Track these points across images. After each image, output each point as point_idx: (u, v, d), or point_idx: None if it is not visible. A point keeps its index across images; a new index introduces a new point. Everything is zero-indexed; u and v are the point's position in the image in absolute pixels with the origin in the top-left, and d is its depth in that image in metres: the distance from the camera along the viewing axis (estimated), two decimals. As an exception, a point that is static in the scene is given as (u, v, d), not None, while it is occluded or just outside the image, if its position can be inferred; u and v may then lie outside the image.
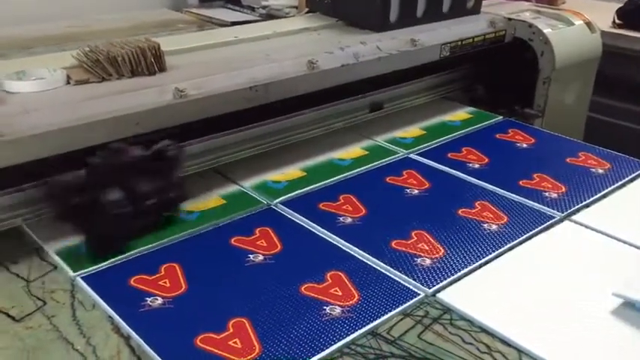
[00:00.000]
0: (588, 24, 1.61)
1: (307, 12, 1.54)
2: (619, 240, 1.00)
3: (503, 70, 1.59)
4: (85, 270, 0.90)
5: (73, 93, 0.98)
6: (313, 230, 1.02)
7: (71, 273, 0.90)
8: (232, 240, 0.98)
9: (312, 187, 1.15)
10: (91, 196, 0.90)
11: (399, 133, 1.40)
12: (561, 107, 1.58)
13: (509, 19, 1.55)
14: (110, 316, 0.82)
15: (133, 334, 0.78)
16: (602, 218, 1.06)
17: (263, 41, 1.32)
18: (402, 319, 0.83)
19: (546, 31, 1.50)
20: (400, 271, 0.91)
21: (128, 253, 0.94)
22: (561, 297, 0.87)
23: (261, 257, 0.94)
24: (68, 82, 1.01)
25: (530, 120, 1.53)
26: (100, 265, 0.91)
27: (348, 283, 0.88)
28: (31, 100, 0.94)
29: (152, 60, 1.05)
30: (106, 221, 0.91)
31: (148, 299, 0.84)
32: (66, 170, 0.91)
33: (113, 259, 0.93)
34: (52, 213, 0.94)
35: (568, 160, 1.27)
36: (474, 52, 1.50)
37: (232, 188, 1.15)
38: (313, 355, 0.75)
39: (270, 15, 1.82)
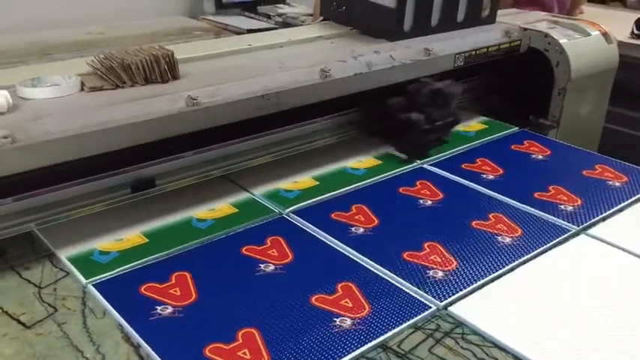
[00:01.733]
0: (605, 34, 1.59)
1: (322, 20, 1.54)
2: (636, 255, 0.99)
3: (518, 81, 1.58)
4: (97, 277, 0.90)
5: (87, 100, 0.99)
6: (325, 240, 1.01)
7: (83, 280, 0.90)
8: (243, 249, 0.98)
9: (324, 196, 1.15)
10: (406, 116, 1.27)
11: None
12: (576, 118, 1.57)
13: (525, 29, 1.54)
14: (120, 324, 0.82)
15: (143, 343, 0.78)
16: (619, 232, 1.04)
17: (276, 49, 1.32)
18: (413, 333, 0.82)
19: (562, 41, 1.49)
20: (412, 284, 0.90)
21: (139, 261, 0.94)
22: (576, 312, 0.86)
23: (272, 267, 0.93)
24: (82, 89, 1.02)
25: (544, 131, 1.52)
26: (111, 273, 0.91)
27: (358, 294, 0.88)
28: (45, 107, 0.95)
29: (165, 68, 1.05)
30: (416, 134, 1.27)
31: (159, 308, 0.84)
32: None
33: (124, 267, 0.93)
34: (370, 131, 1.34)
35: (584, 172, 1.26)
36: (488, 62, 1.49)
37: (244, 196, 1.15)
38: (323, 368, 0.75)
39: (285, 23, 1.83)
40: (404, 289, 0.89)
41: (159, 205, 1.09)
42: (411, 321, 0.83)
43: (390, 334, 0.80)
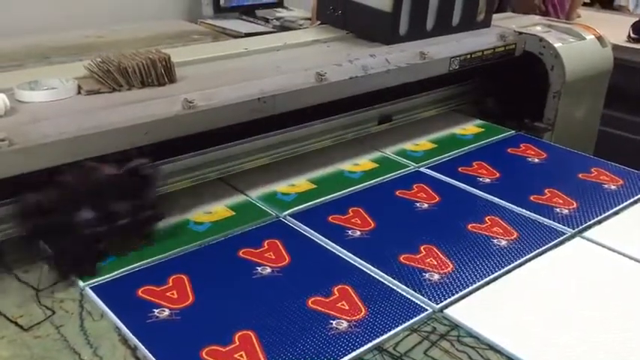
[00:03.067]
0: (599, 38, 1.60)
1: (320, 24, 1.54)
2: (631, 258, 0.99)
3: (513, 84, 1.59)
4: (95, 280, 0.90)
5: (84, 103, 0.99)
6: (321, 243, 1.01)
7: (80, 283, 0.90)
8: (240, 252, 0.98)
9: (321, 199, 1.15)
10: (62, 215, 0.90)
11: (409, 146, 1.40)
12: (571, 121, 1.58)
13: (520, 33, 1.55)
14: (117, 327, 0.82)
15: (140, 345, 0.78)
16: (614, 235, 1.05)
17: (272, 53, 1.32)
18: (408, 335, 0.82)
19: (557, 45, 1.50)
20: (408, 286, 0.90)
21: (137, 263, 0.94)
22: (571, 315, 0.86)
23: (268, 270, 0.94)
24: (79, 92, 1.02)
25: (539, 133, 1.53)
26: (109, 275, 0.92)
27: (355, 297, 0.88)
28: (42, 110, 0.95)
29: (162, 71, 1.06)
30: (77, 240, 0.90)
31: (156, 310, 0.84)
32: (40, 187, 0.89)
33: (123, 269, 0.93)
34: (22, 231, 0.93)
35: (580, 175, 1.26)
36: (483, 66, 1.49)
37: (241, 199, 1.15)
38: (319, 370, 0.75)
39: (283, 27, 1.83)
40: (400, 291, 0.90)
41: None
42: (407, 323, 0.83)
43: (386, 336, 0.81)
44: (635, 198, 1.17)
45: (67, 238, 0.90)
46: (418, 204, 1.14)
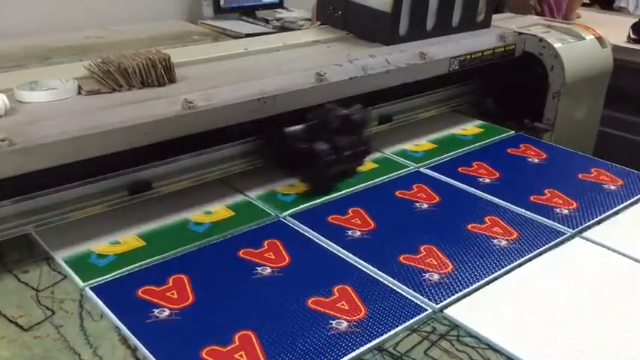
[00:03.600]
0: (599, 38, 1.60)
1: (321, 25, 1.54)
2: (631, 258, 0.99)
3: (513, 84, 1.59)
4: (94, 280, 0.90)
5: (84, 103, 0.99)
6: (321, 243, 1.01)
7: (81, 283, 0.90)
8: (240, 252, 0.98)
9: (321, 199, 1.15)
10: (308, 145, 1.14)
11: (409, 146, 1.40)
12: (571, 121, 1.58)
13: (520, 34, 1.55)
14: (117, 327, 0.82)
15: (140, 345, 0.78)
16: (614, 235, 1.05)
17: (273, 53, 1.32)
18: (408, 335, 0.82)
19: (556, 45, 1.50)
20: (408, 286, 0.90)
21: (137, 264, 0.94)
22: (571, 315, 0.86)
23: (269, 270, 0.94)
24: (80, 93, 1.02)
25: (539, 134, 1.53)
26: (109, 276, 0.92)
27: (355, 297, 0.88)
28: (42, 110, 0.95)
29: (162, 72, 1.06)
30: (320, 165, 1.14)
31: (155, 310, 0.84)
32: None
33: (123, 270, 0.93)
34: (271, 160, 1.20)
35: (580, 175, 1.26)
36: (483, 66, 1.50)
37: (241, 199, 1.15)
38: (319, 370, 0.75)
39: (284, 27, 1.83)
40: (400, 291, 0.90)
41: (156, 208, 1.09)
42: (407, 323, 0.83)
43: (386, 336, 0.81)
44: (635, 198, 1.17)
45: (309, 163, 1.15)
46: (418, 204, 1.14)
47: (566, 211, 1.12)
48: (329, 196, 1.16)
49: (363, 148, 1.21)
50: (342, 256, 0.98)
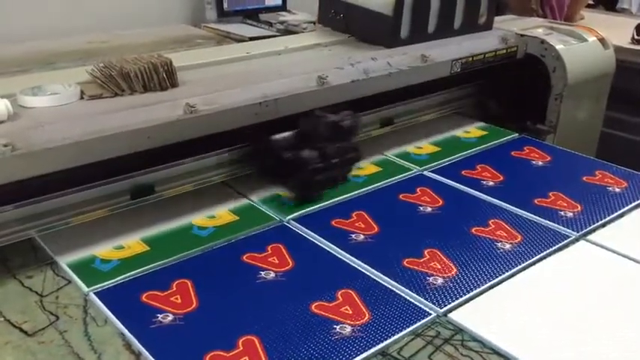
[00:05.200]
0: (601, 40, 1.60)
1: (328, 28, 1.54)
2: (636, 261, 0.99)
3: (515, 86, 1.58)
4: (98, 285, 0.90)
5: (87, 108, 0.99)
6: (325, 247, 1.01)
7: (85, 288, 0.90)
8: (244, 257, 0.98)
9: (324, 203, 1.15)
10: (294, 153, 1.12)
11: (413, 149, 1.40)
12: (574, 123, 1.57)
13: (522, 35, 1.55)
14: (121, 332, 0.82)
15: (144, 350, 0.78)
16: (619, 238, 1.05)
17: (274, 57, 1.32)
18: (412, 340, 0.82)
19: (558, 47, 1.50)
20: (412, 290, 0.90)
21: (141, 269, 0.94)
22: (576, 319, 0.86)
23: (272, 274, 0.94)
24: (82, 97, 1.02)
25: (542, 136, 1.52)
26: (113, 281, 0.91)
27: (358, 301, 0.88)
28: (45, 115, 0.95)
29: (164, 76, 1.06)
30: (306, 173, 1.12)
31: (159, 315, 0.84)
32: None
33: (127, 275, 0.93)
34: (257, 168, 1.17)
35: (584, 178, 1.26)
36: (485, 68, 1.49)
37: (245, 203, 1.15)
38: (324, 376, 0.75)
39: (287, 30, 1.83)
40: (404, 295, 0.89)
41: (159, 212, 1.09)
42: (411, 328, 0.83)
43: (389, 340, 0.81)
44: None
45: (295, 171, 1.12)
46: (422, 207, 1.14)
47: (571, 214, 1.12)
48: (332, 200, 1.16)
49: (352, 155, 1.20)
50: (345, 260, 0.98)
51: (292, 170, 1.13)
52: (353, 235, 1.04)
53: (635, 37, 2.12)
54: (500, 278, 0.93)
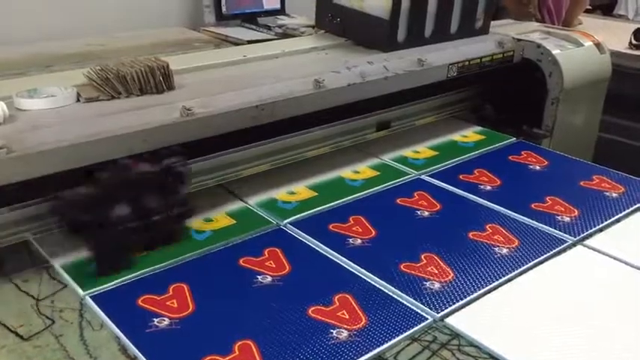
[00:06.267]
0: (598, 45, 1.60)
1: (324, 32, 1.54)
2: (632, 266, 0.99)
3: (511, 90, 1.59)
4: (95, 289, 0.90)
5: (83, 110, 0.99)
6: (322, 252, 1.01)
7: (81, 292, 0.90)
8: (241, 260, 0.97)
9: (322, 207, 1.14)
10: (98, 211, 0.92)
11: (410, 154, 1.40)
12: (570, 127, 1.58)
13: (518, 40, 1.55)
14: (117, 337, 0.81)
15: (139, 355, 0.78)
16: (616, 243, 1.04)
17: (271, 60, 1.32)
18: (409, 344, 0.82)
19: (555, 51, 1.50)
20: (409, 295, 0.90)
21: (138, 272, 0.94)
22: (573, 323, 0.86)
23: (269, 279, 0.93)
24: (78, 100, 1.02)
25: (538, 140, 1.53)
26: (109, 285, 0.91)
27: (355, 306, 0.87)
28: (41, 117, 0.95)
29: (161, 79, 1.06)
30: (113, 236, 0.93)
31: (155, 320, 0.84)
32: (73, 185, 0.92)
33: (123, 278, 0.92)
34: (62, 228, 0.97)
35: (582, 183, 1.26)
36: (482, 72, 1.50)
37: (242, 207, 1.15)
38: (320, 380, 0.74)
39: (285, 34, 1.83)
40: (401, 300, 0.89)
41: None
42: (408, 332, 0.83)
43: (386, 345, 0.80)
44: (637, 206, 1.17)
45: (103, 234, 0.93)
46: (419, 212, 1.14)
47: (568, 219, 1.12)
48: (330, 204, 1.16)
49: (182, 210, 1.00)
50: (342, 264, 0.98)
51: (95, 232, 0.93)
52: (350, 240, 1.04)
53: (633, 42, 2.13)
54: (497, 283, 0.93)
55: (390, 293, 0.90)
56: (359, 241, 1.04)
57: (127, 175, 0.95)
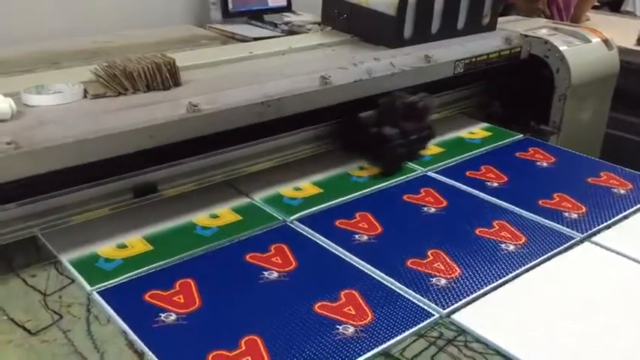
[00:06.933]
0: (605, 41, 1.60)
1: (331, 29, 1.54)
2: (640, 262, 0.98)
3: (519, 87, 1.58)
4: (102, 284, 0.90)
5: (90, 107, 0.99)
6: (328, 248, 1.01)
7: (88, 287, 0.90)
8: (247, 256, 0.97)
9: (328, 204, 1.14)
10: (378, 130, 1.24)
11: (416, 150, 1.39)
12: (577, 124, 1.57)
13: (525, 36, 1.54)
14: (124, 332, 0.82)
15: (146, 349, 0.78)
16: (624, 240, 1.04)
17: (277, 57, 1.32)
18: (415, 340, 0.81)
19: (562, 48, 1.49)
20: (415, 291, 0.90)
21: (145, 268, 0.94)
22: (580, 320, 0.85)
23: (275, 274, 0.93)
24: (85, 96, 1.02)
25: (545, 137, 1.52)
26: (116, 280, 0.91)
27: (362, 302, 0.87)
28: (48, 114, 0.96)
29: (167, 75, 1.06)
30: (388, 148, 1.24)
31: (162, 315, 0.84)
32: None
33: (130, 274, 0.93)
34: (341, 143, 1.32)
35: (589, 179, 1.25)
36: (489, 69, 1.49)
37: (248, 203, 1.15)
38: (326, 376, 0.74)
39: (292, 31, 1.82)
40: (407, 296, 0.89)
41: (161, 211, 1.09)
42: (414, 328, 0.83)
43: (392, 341, 0.80)
44: (644, 202, 1.16)
45: (380, 147, 1.25)
46: (425, 208, 1.14)
47: (575, 216, 1.11)
48: (336, 201, 1.16)
49: (427, 133, 1.31)
50: (349, 260, 0.98)
51: (376, 145, 1.25)
52: (356, 236, 1.04)
53: (641, 38, 2.12)
54: (504, 279, 0.93)
55: (397, 289, 0.90)
56: (365, 237, 1.04)
57: (400, 102, 1.24)
